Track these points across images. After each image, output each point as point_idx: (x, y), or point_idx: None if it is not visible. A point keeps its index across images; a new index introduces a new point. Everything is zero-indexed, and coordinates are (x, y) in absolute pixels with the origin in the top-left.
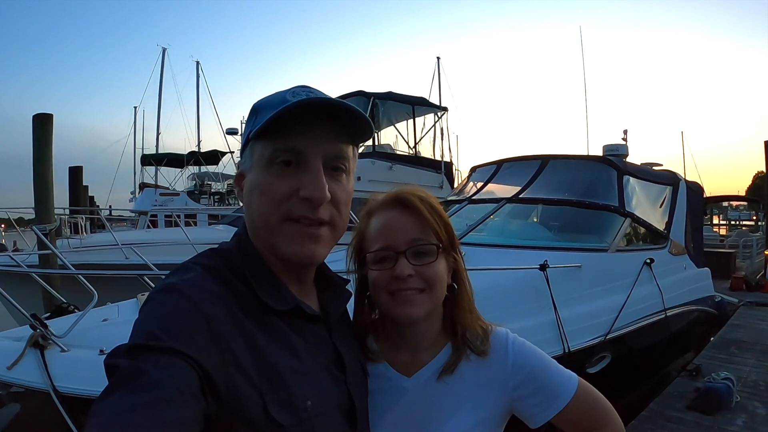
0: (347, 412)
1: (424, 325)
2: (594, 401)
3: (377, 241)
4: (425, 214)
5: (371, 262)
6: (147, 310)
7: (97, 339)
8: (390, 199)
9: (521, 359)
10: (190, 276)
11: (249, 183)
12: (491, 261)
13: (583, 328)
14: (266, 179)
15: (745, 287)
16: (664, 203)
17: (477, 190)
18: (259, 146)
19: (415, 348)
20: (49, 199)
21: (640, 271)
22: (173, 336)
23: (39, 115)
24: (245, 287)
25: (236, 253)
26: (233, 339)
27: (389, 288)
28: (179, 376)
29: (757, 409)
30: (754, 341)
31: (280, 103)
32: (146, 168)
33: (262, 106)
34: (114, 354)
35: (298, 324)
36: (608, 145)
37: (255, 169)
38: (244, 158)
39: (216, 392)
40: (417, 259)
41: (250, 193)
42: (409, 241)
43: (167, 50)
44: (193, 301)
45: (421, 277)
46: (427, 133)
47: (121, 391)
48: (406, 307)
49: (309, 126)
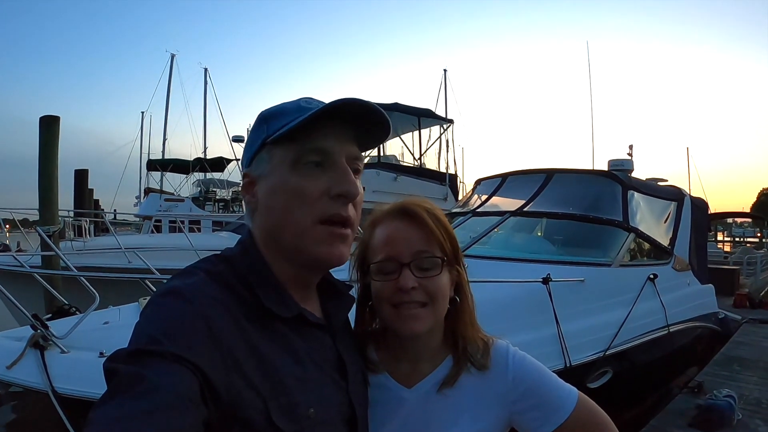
0: (348, 420)
1: (426, 338)
2: (594, 416)
3: (381, 252)
4: (431, 226)
5: (375, 272)
6: (148, 313)
7: (98, 341)
8: (395, 209)
9: (521, 373)
10: (192, 280)
11: (269, 187)
12: (494, 273)
13: (584, 342)
14: (294, 181)
15: (748, 304)
16: (668, 219)
17: (481, 202)
18: (279, 150)
19: (416, 359)
20: (53, 201)
21: (643, 287)
22: (174, 340)
23: (46, 117)
24: (249, 293)
25: (240, 259)
26: (235, 344)
27: (392, 300)
28: (179, 381)
29: (759, 427)
30: (757, 359)
31: (297, 110)
32: (152, 173)
33: (275, 113)
34: (113, 358)
35: (301, 331)
36: (613, 160)
37: (276, 173)
38: (255, 164)
39: (217, 398)
40: (421, 271)
41: (271, 197)
42: (414, 253)
43: (176, 57)
44: (194, 305)
45: (425, 290)
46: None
47: (120, 396)
48: (408, 323)
49: (331, 128)
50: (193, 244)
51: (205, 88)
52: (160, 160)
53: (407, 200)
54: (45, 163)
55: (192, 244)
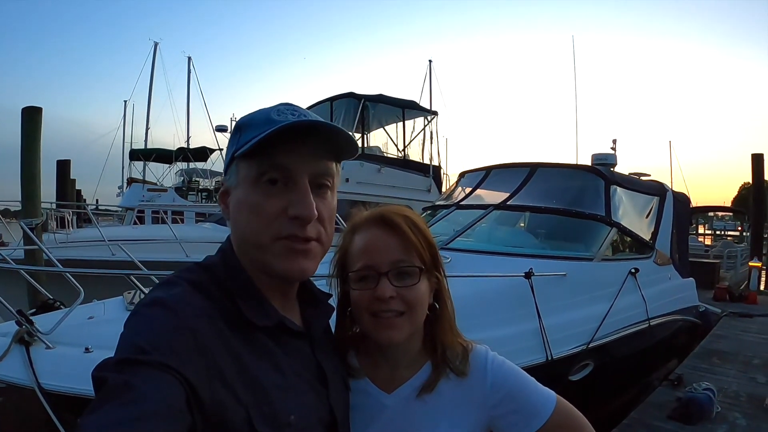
0: (329, 426)
1: (405, 344)
2: (572, 419)
3: (360, 260)
4: (409, 235)
5: (353, 280)
6: (134, 323)
7: (83, 337)
8: (374, 217)
9: (500, 378)
10: (176, 291)
11: (236, 201)
12: (477, 267)
13: (566, 336)
14: (254, 198)
15: (728, 298)
16: (650, 213)
17: (465, 195)
18: (245, 164)
19: (395, 365)
20: (36, 194)
21: (625, 281)
22: (160, 350)
23: (28, 108)
24: (230, 303)
25: (221, 269)
26: (219, 354)
27: (370, 308)
28: (166, 390)
29: (737, 419)
30: (736, 352)
31: (265, 123)
32: (134, 163)
33: (245, 123)
34: (102, 367)
35: (281, 339)
36: (597, 154)
37: (241, 187)
38: (228, 175)
39: (201, 406)
40: (399, 280)
41: (237, 211)
42: (392, 263)
43: (159, 45)
44: (179, 315)
45: (403, 299)
46: (416, 137)
47: (108, 405)
48: (386, 332)
49: (295, 144)
50: (176, 236)
51: (189, 77)
52: (142, 149)
53: (386, 208)
54: (28, 155)
55: (176, 236)
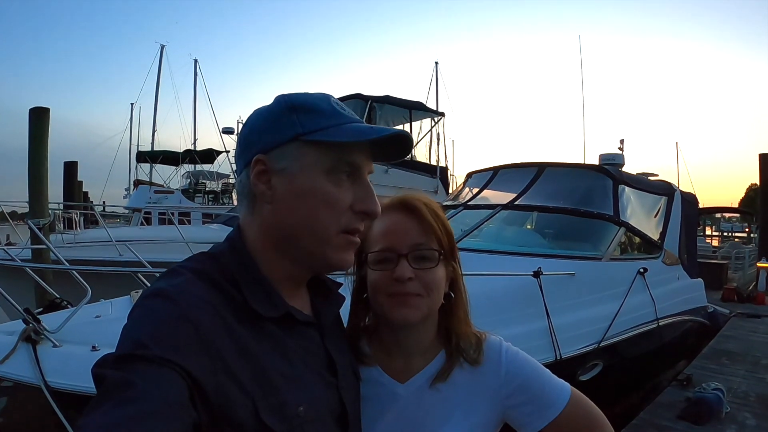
0: (339, 417)
1: (419, 331)
2: (586, 410)
3: (380, 242)
4: (429, 220)
5: (372, 262)
6: (134, 316)
7: (90, 335)
8: (395, 202)
9: (514, 368)
10: (178, 280)
11: (297, 187)
12: (485, 267)
13: (575, 335)
14: (328, 188)
15: (736, 298)
16: (658, 213)
17: (473, 195)
18: (314, 152)
19: (409, 354)
20: (43, 194)
21: (634, 281)
22: (161, 344)
23: (36, 108)
24: (237, 292)
25: (228, 257)
26: (223, 345)
27: (388, 290)
28: (167, 386)
29: (747, 420)
30: (745, 352)
31: (334, 115)
32: (141, 165)
33: (306, 107)
34: (101, 364)
35: (289, 329)
36: (605, 154)
37: (307, 175)
38: (279, 155)
39: (206, 400)
40: (418, 263)
41: (297, 198)
42: (412, 245)
43: (166, 48)
44: (181, 306)
45: (421, 281)
46: (423, 138)
47: (108, 403)
48: (402, 309)
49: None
50: (183, 237)
51: (195, 80)
52: (149, 151)
53: (407, 194)
54: (35, 156)
55: (183, 237)
